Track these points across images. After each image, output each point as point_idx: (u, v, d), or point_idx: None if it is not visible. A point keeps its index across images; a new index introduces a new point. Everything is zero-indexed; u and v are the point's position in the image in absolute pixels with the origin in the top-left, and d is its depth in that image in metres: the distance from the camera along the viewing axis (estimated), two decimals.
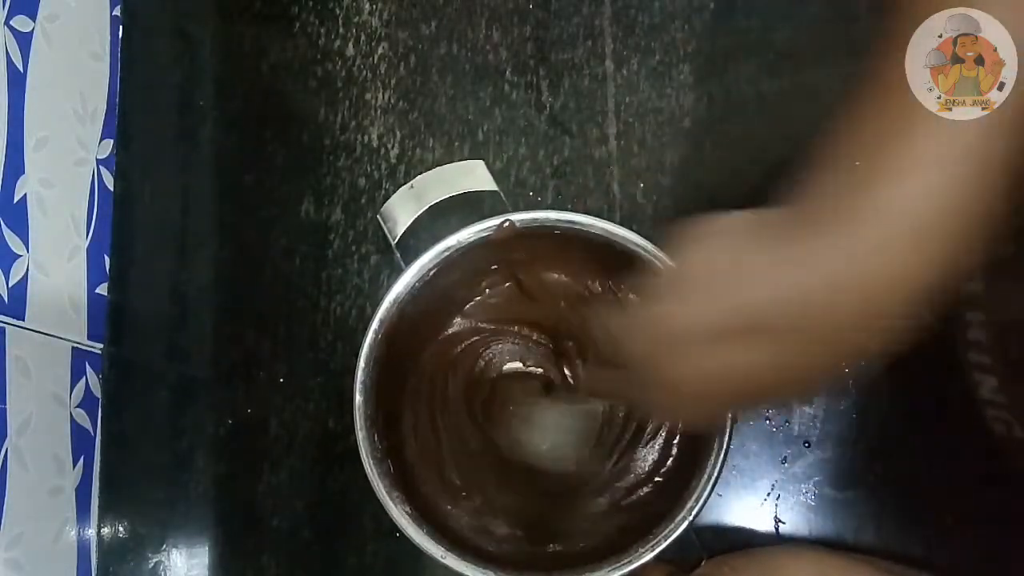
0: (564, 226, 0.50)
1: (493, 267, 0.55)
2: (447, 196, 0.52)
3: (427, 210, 0.51)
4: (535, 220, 0.51)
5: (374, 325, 0.49)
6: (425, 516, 0.48)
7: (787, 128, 0.53)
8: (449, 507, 0.53)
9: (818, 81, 0.61)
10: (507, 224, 0.50)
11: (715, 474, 0.47)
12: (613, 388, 0.49)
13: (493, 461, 0.55)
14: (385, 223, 0.52)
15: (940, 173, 0.33)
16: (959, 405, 0.57)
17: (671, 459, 0.54)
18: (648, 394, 0.40)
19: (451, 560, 0.47)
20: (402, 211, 0.52)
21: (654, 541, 0.47)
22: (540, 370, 0.57)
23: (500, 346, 0.57)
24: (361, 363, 0.49)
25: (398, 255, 0.52)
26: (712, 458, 0.47)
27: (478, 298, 0.57)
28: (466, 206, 0.54)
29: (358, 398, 0.48)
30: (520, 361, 0.57)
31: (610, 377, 0.45)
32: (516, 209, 0.52)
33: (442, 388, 0.56)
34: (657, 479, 0.54)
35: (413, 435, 0.54)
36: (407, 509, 0.48)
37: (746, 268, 0.36)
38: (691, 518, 0.47)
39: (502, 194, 0.54)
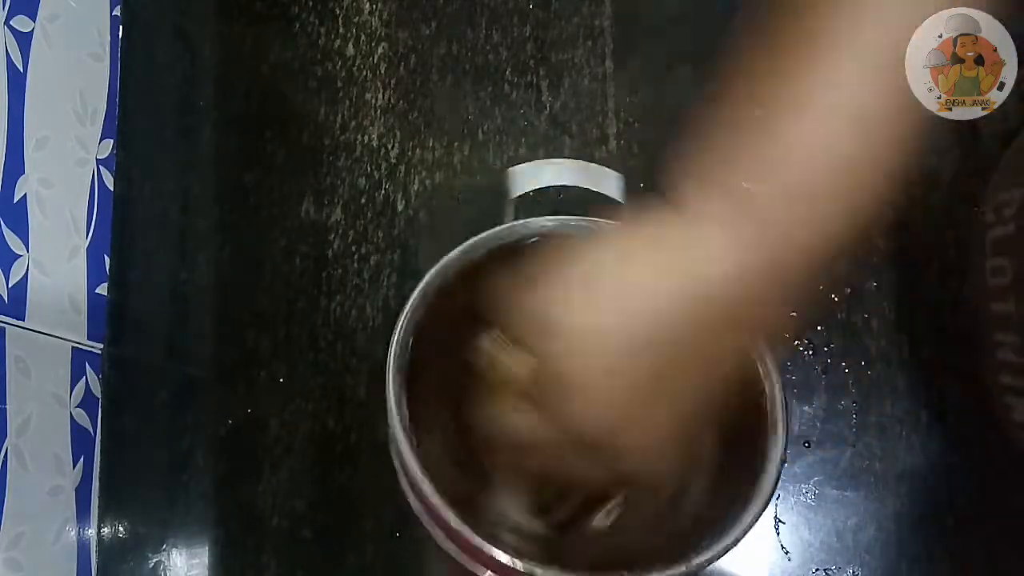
0: None
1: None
2: (576, 186, 0.51)
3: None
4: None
5: (444, 260, 0.47)
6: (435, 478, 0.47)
7: None
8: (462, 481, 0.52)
9: None
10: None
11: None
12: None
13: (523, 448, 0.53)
14: (511, 179, 0.51)
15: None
16: (959, 406, 0.57)
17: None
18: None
19: (454, 520, 0.44)
20: (531, 178, 0.50)
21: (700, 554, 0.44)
22: None
23: None
24: (419, 289, 0.47)
25: (510, 210, 0.50)
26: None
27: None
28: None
29: (400, 328, 0.46)
30: None
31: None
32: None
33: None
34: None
35: (439, 400, 0.53)
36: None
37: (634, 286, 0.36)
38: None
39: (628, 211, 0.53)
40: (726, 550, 0.42)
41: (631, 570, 0.43)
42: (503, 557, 0.42)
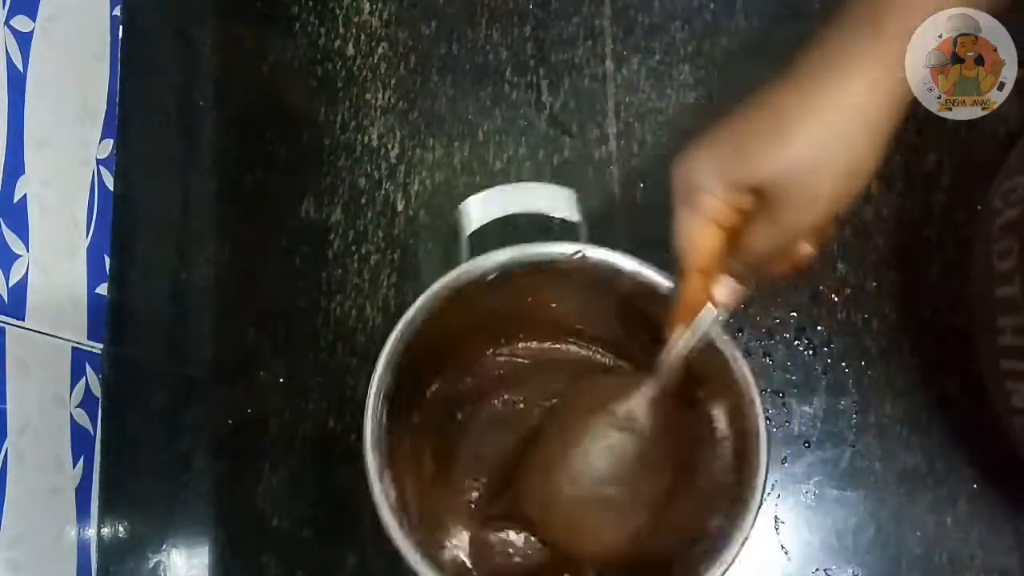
0: (631, 274, 0.48)
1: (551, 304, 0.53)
2: (529, 211, 0.50)
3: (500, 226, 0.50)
4: (610, 262, 0.48)
5: (418, 303, 0.46)
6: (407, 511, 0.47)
7: None
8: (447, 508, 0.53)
9: None
10: (579, 255, 0.47)
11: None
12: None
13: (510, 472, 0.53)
14: (463, 215, 0.49)
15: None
16: (959, 405, 0.57)
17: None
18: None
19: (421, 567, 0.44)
20: (482, 209, 0.49)
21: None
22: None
23: (543, 375, 0.55)
24: (394, 335, 0.46)
25: (465, 247, 0.49)
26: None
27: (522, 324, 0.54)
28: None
29: (380, 367, 0.46)
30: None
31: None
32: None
33: (469, 395, 0.55)
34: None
35: (423, 429, 0.53)
36: (392, 493, 0.46)
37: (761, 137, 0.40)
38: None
39: (585, 228, 0.50)
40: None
41: None
42: None
